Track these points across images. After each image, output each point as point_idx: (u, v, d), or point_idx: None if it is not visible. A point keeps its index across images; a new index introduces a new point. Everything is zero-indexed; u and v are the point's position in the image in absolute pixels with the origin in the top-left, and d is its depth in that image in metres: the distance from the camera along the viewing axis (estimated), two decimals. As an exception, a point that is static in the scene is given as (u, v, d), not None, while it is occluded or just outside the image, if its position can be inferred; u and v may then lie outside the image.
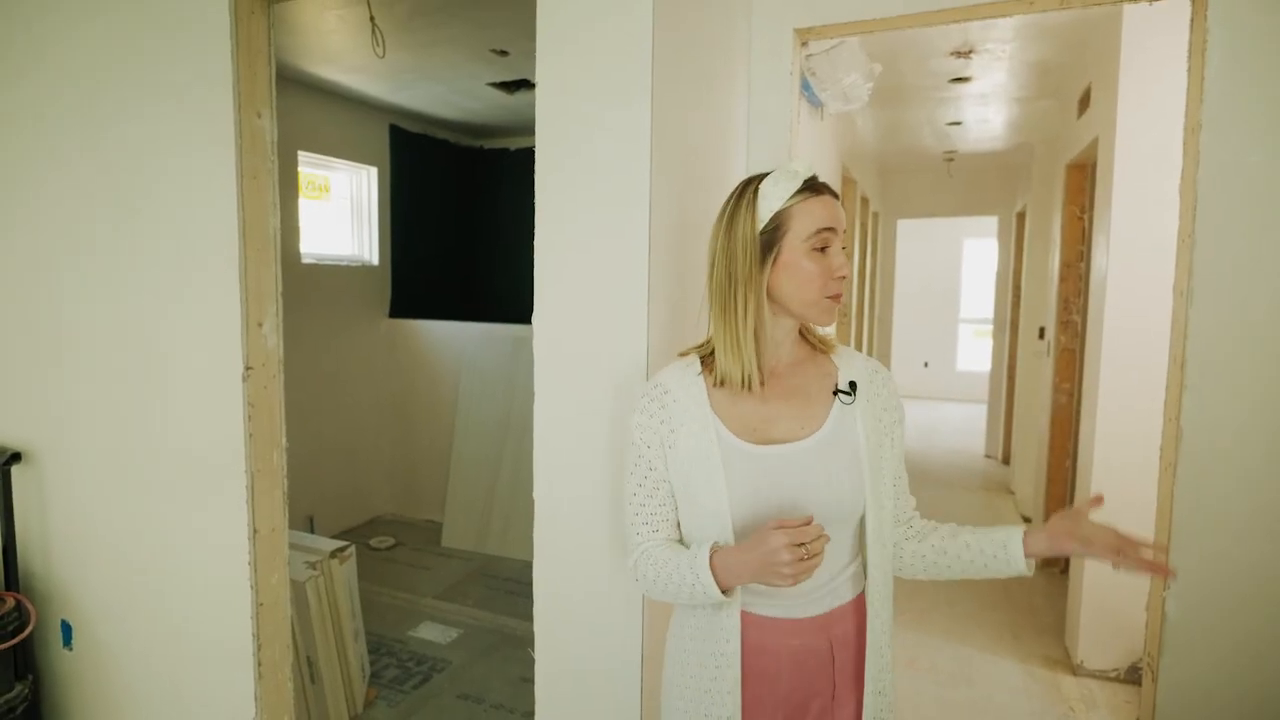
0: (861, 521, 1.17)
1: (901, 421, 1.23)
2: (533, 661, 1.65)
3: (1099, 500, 1.14)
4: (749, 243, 1.10)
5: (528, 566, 1.66)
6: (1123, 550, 1.08)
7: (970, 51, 3.49)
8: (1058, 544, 1.12)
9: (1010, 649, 3.24)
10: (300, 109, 4.23)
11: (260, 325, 1.94)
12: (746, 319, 1.11)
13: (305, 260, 4.37)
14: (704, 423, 1.14)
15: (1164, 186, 2.77)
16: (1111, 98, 2.93)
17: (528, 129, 1.34)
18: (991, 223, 8.09)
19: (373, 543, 4.48)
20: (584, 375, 1.55)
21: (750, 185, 1.14)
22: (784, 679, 1.16)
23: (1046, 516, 4.08)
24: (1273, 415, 1.69)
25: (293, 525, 4.61)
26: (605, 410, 1.53)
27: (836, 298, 1.12)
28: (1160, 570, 1.09)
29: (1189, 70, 1.79)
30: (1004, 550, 1.14)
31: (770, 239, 1.11)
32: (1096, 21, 3.09)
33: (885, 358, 6.92)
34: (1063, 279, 3.95)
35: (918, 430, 8.12)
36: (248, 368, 1.91)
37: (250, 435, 1.92)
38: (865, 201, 5.33)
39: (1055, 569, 4.05)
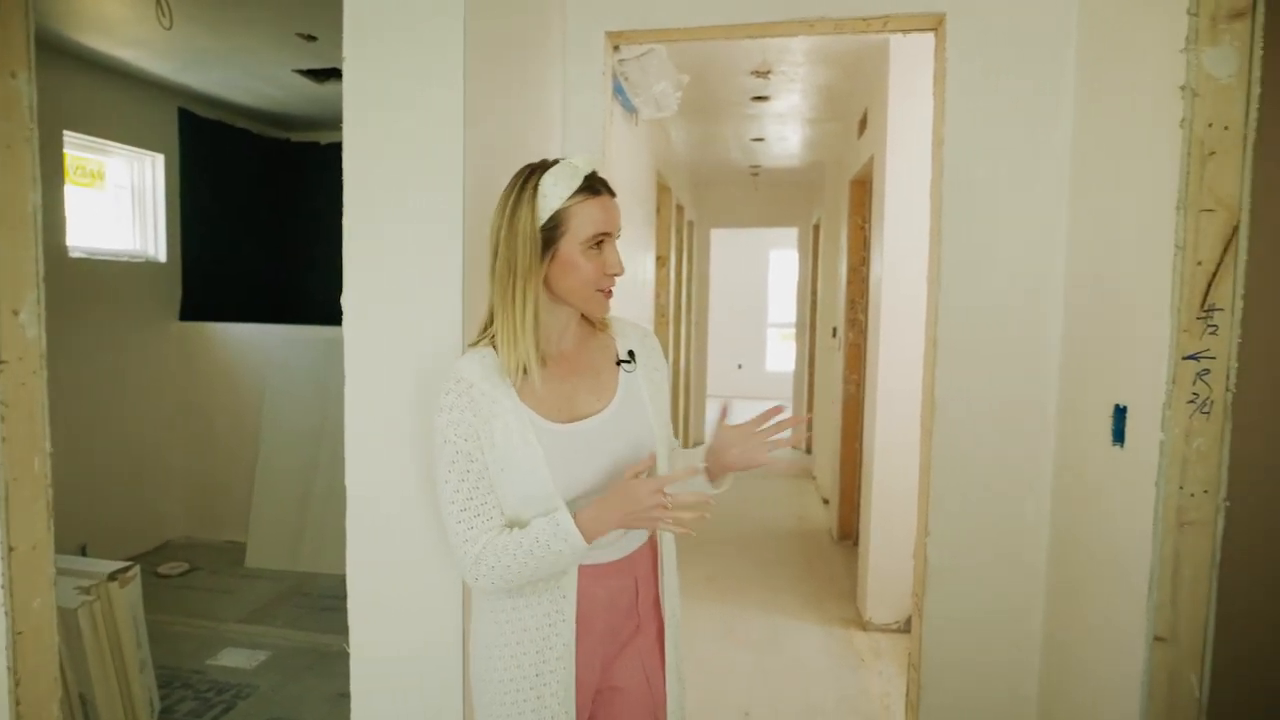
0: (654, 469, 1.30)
1: (667, 376, 1.39)
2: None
3: (776, 411, 1.35)
4: (529, 238, 1.15)
5: (345, 581, 1.60)
6: (755, 429, 1.32)
7: (768, 72, 3.82)
8: (719, 458, 1.33)
9: (813, 614, 3.56)
10: (66, 83, 3.74)
11: (16, 313, 1.72)
12: (526, 309, 1.16)
13: (74, 254, 3.86)
14: (516, 412, 1.17)
15: (924, 198, 3.21)
16: (883, 120, 3.34)
17: (340, 122, 1.29)
18: (793, 233, 8.82)
19: (162, 570, 4.03)
20: (398, 369, 1.54)
21: (532, 178, 1.17)
22: (600, 619, 1.26)
23: (842, 497, 4.53)
24: (1002, 385, 2.02)
25: (63, 553, 4.04)
26: (423, 404, 1.52)
27: (608, 292, 1.23)
28: (793, 421, 1.35)
29: (934, 94, 2.10)
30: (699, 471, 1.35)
31: (549, 236, 1.16)
32: (870, 51, 3.52)
33: (702, 359, 7.32)
34: (849, 282, 4.42)
35: (734, 428, 8.62)
36: (1, 361, 1.68)
37: (3, 439, 1.69)
38: (680, 209, 5.62)
39: (850, 541, 4.50)
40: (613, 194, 1.22)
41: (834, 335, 5.31)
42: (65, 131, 3.77)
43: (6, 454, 1.71)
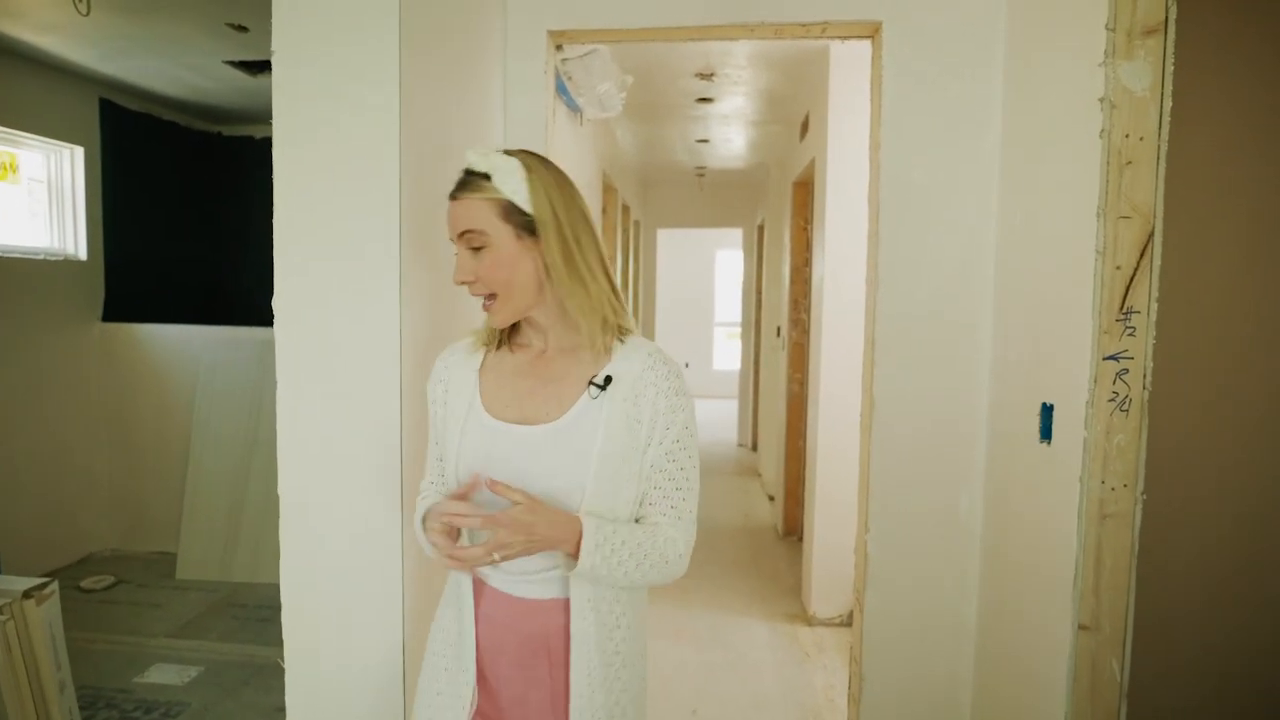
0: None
1: (675, 428, 1.12)
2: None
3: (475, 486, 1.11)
4: None
5: (283, 590, 1.55)
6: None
7: (711, 74, 3.85)
8: None
9: (759, 610, 3.61)
10: (-28, 71, 3.53)
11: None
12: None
13: (-17, 252, 3.65)
14: (468, 390, 1.18)
15: (863, 199, 3.28)
16: (823, 124, 3.41)
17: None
18: (738, 234, 8.92)
19: (84, 584, 3.84)
20: (332, 372, 1.49)
21: None
22: (509, 653, 1.15)
23: (787, 493, 4.61)
24: (937, 384, 2.08)
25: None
26: (358, 406, 1.48)
27: (485, 297, 1.13)
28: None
29: (871, 99, 2.15)
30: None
31: None
32: (812, 57, 3.58)
33: (650, 359, 7.34)
34: (793, 282, 4.49)
35: (681, 426, 8.68)
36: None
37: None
38: (627, 210, 5.63)
39: (794, 537, 4.58)
40: (468, 194, 1.10)
41: (778, 335, 5.39)
42: (-27, 121, 3.55)
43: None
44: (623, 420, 1.10)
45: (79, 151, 4.13)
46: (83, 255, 4.19)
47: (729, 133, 5.20)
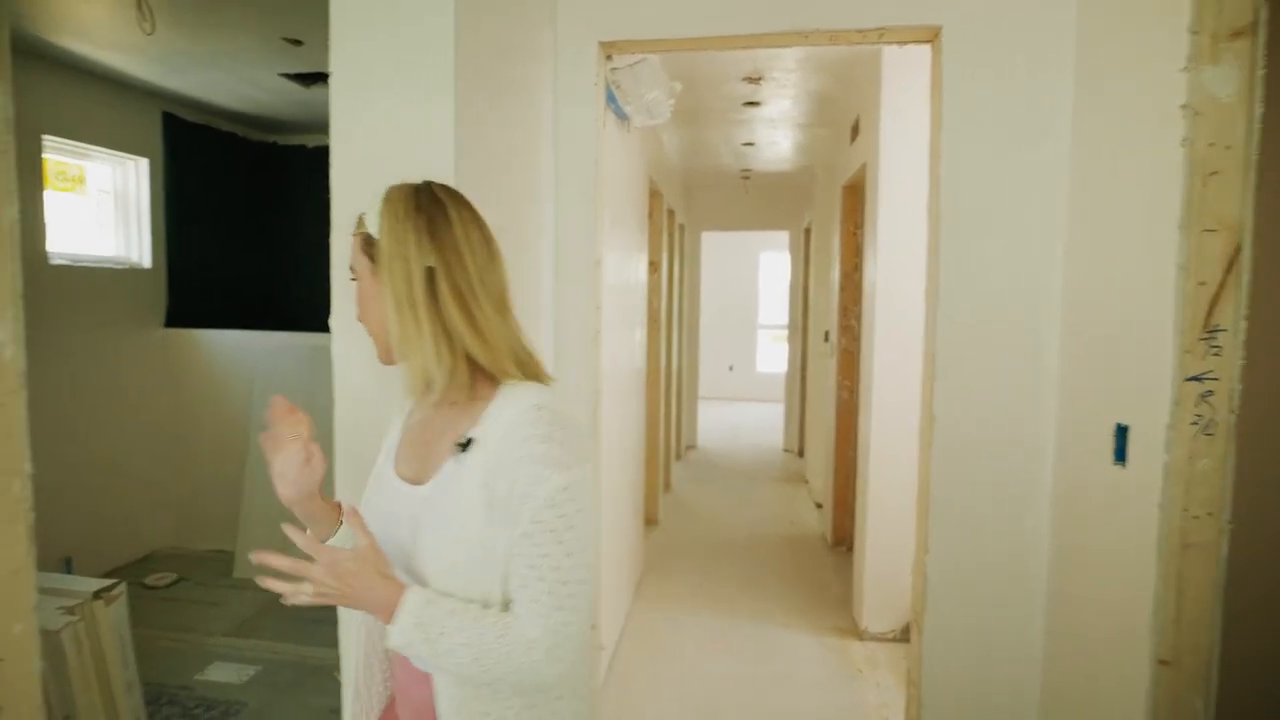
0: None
1: (534, 505, 0.91)
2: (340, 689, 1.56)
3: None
4: None
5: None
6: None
7: (760, 78, 3.80)
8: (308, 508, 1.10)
9: (807, 623, 3.55)
10: (45, 87, 3.67)
11: (-5, 332, 1.67)
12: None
13: (55, 261, 3.79)
14: (391, 438, 1.13)
15: (918, 207, 3.20)
16: (875, 128, 3.33)
17: (326, 125, 1.27)
18: (784, 236, 8.81)
19: (148, 581, 3.97)
20: (384, 384, 1.50)
21: None
22: (406, 710, 1.07)
23: (836, 502, 4.52)
24: (1000, 401, 2.01)
25: (44, 568, 3.97)
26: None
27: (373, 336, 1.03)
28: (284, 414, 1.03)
29: (930, 106, 2.09)
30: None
31: None
32: (863, 59, 3.50)
33: (693, 362, 7.31)
34: (842, 288, 4.41)
35: (726, 428, 8.64)
36: (-21, 382, 1.63)
37: (-16, 461, 1.64)
38: (672, 214, 5.60)
39: (844, 547, 4.50)
40: (354, 230, 1.04)
41: (826, 340, 5.31)
42: (45, 136, 3.70)
43: (-15, 477, 1.66)
44: (478, 490, 0.94)
45: (143, 163, 4.27)
46: (146, 263, 4.33)
47: (775, 136, 5.13)
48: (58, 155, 3.91)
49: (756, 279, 11.07)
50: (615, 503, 3.11)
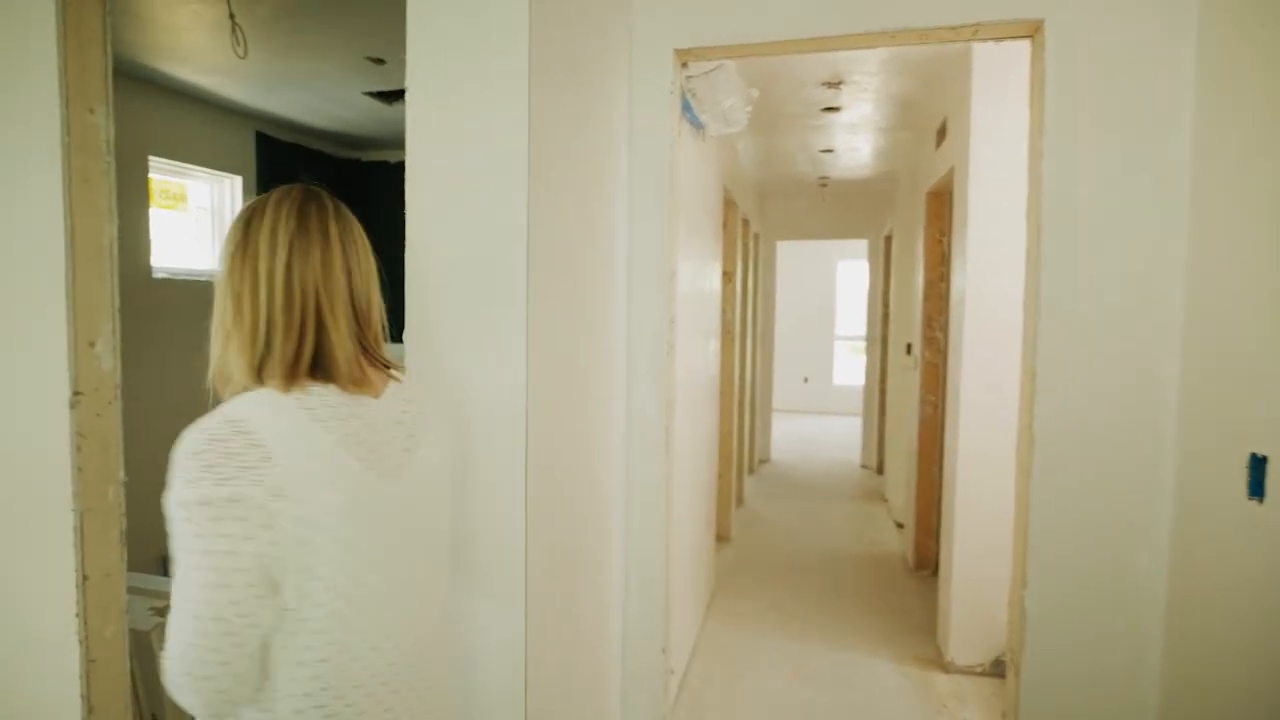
0: None
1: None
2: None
3: None
4: None
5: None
6: None
7: (840, 82, 3.67)
8: None
9: (887, 651, 3.38)
10: (150, 111, 3.89)
11: (93, 345, 1.74)
12: None
13: (158, 275, 4.00)
14: None
15: (1012, 212, 3.01)
16: (965, 130, 3.16)
17: None
18: (863, 245, 8.56)
19: (235, 581, 4.12)
20: (457, 409, 1.48)
21: None
22: None
23: (919, 522, 4.31)
24: (1111, 425, 1.84)
25: (142, 567, 4.18)
26: (478, 449, 1.46)
27: None
28: None
29: (1030, 104, 1.94)
30: None
31: None
32: (951, 59, 3.34)
33: (767, 373, 7.16)
34: (926, 298, 4.22)
35: (801, 441, 8.42)
36: (76, 393, 1.70)
37: (79, 469, 1.71)
38: (746, 223, 5.50)
39: (927, 571, 4.28)
40: None
41: (909, 352, 5.09)
42: (150, 156, 3.91)
43: (82, 484, 1.73)
44: None
45: (237, 180, 4.47)
46: (239, 276, 4.53)
47: (855, 141, 4.97)
48: (161, 174, 4.14)
49: (833, 288, 10.79)
50: (686, 517, 3.04)
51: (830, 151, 5.27)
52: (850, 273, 10.73)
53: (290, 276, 0.92)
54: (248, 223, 0.97)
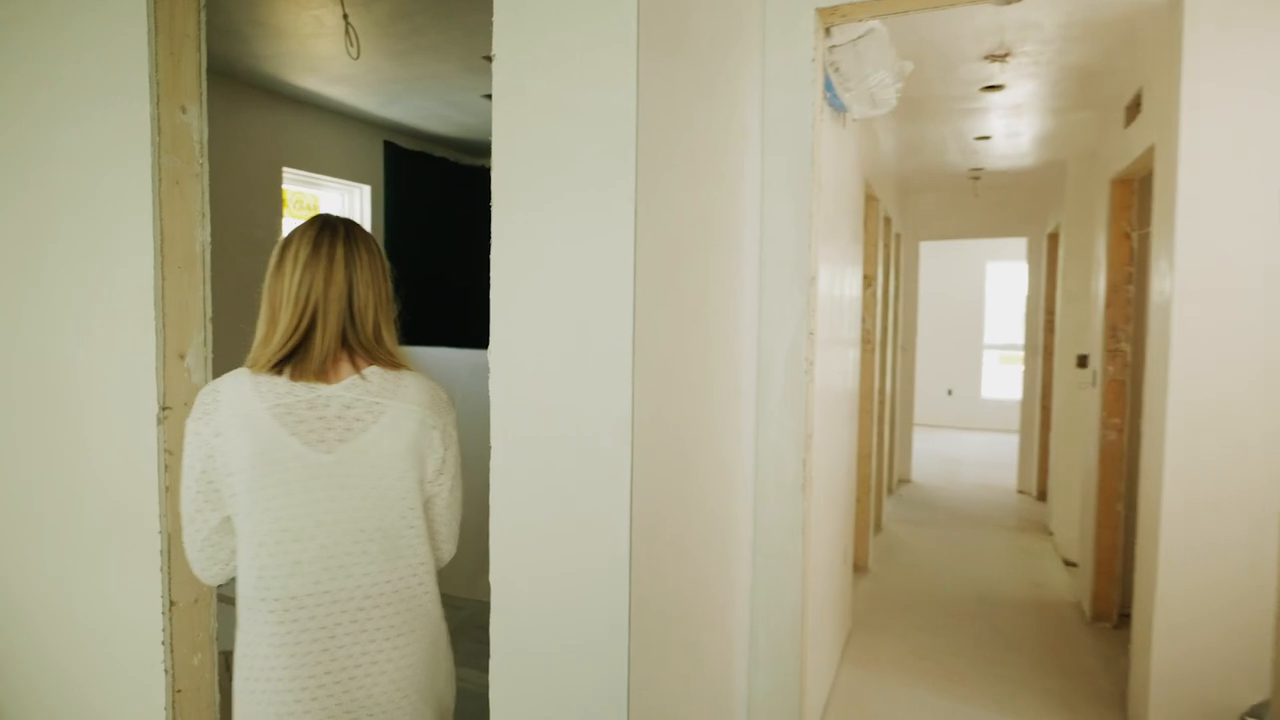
0: None
1: None
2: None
3: None
4: None
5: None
6: None
7: (1006, 54, 3.18)
8: None
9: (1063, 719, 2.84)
10: (285, 124, 3.99)
11: (182, 357, 1.64)
12: None
13: (290, 284, 4.10)
14: None
15: (1240, 199, 2.43)
16: (1171, 102, 2.60)
17: None
18: (1016, 244, 7.75)
19: (358, 587, 4.14)
20: (548, 432, 1.23)
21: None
22: None
23: (1098, 564, 3.69)
24: None
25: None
26: (573, 479, 1.21)
27: None
28: None
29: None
30: None
31: None
32: (1151, 17, 2.78)
33: (909, 385, 6.55)
34: (1109, 304, 3.60)
35: (944, 460, 7.70)
36: (164, 408, 1.60)
37: (166, 488, 1.61)
38: (888, 221, 5.01)
39: (1108, 623, 3.64)
40: None
41: (1081, 365, 4.43)
42: (284, 168, 4.01)
43: (169, 504, 1.63)
44: None
45: (366, 189, 4.54)
46: (367, 284, 4.59)
47: (1018, 125, 4.38)
48: (295, 185, 4.25)
49: (981, 292, 9.85)
50: (822, 544, 2.67)
51: (986, 139, 4.70)
52: (1002, 275, 9.78)
53: (300, 291, 1.20)
54: (283, 249, 1.24)
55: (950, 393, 9.69)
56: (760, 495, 1.79)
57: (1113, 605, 3.65)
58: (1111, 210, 3.56)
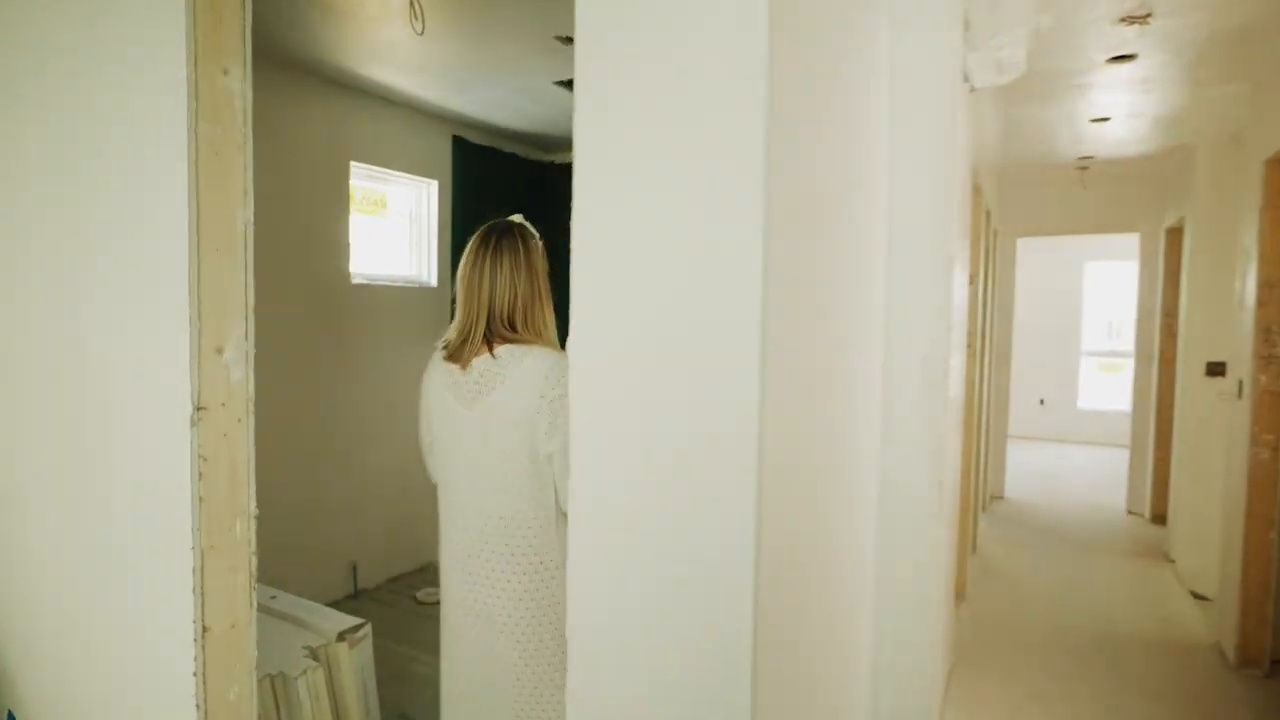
0: None
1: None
2: None
3: None
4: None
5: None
6: None
7: (1147, 15, 2.77)
8: None
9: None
10: (352, 116, 3.87)
11: (220, 352, 1.45)
12: None
13: (355, 280, 3.98)
14: None
15: None
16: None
17: None
18: (1121, 242, 7.14)
19: (419, 595, 3.99)
20: (644, 439, 0.97)
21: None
22: None
23: (1244, 605, 3.21)
24: None
25: (333, 575, 4.15)
26: (671, 492, 0.94)
27: None
28: None
29: None
30: None
31: None
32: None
33: (1003, 394, 6.06)
34: (1261, 303, 3.13)
35: (1039, 475, 7.14)
36: (198, 408, 1.42)
37: (200, 499, 1.42)
38: (988, 215, 4.59)
39: (1259, 670, 3.17)
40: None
41: (1212, 374, 3.93)
42: (352, 162, 3.89)
43: (203, 517, 1.44)
44: None
45: (434, 185, 4.40)
46: (433, 282, 4.45)
47: (1144, 104, 3.92)
48: (363, 181, 4.13)
49: (1079, 294, 9.15)
50: (928, 566, 2.33)
51: (1104, 120, 4.23)
52: (1103, 275, 9.07)
53: (463, 286, 1.66)
54: (463, 258, 1.69)
55: (1042, 402, 9.04)
56: (885, 524, 1.48)
57: (1263, 650, 3.18)
58: (1267, 196, 3.10)
